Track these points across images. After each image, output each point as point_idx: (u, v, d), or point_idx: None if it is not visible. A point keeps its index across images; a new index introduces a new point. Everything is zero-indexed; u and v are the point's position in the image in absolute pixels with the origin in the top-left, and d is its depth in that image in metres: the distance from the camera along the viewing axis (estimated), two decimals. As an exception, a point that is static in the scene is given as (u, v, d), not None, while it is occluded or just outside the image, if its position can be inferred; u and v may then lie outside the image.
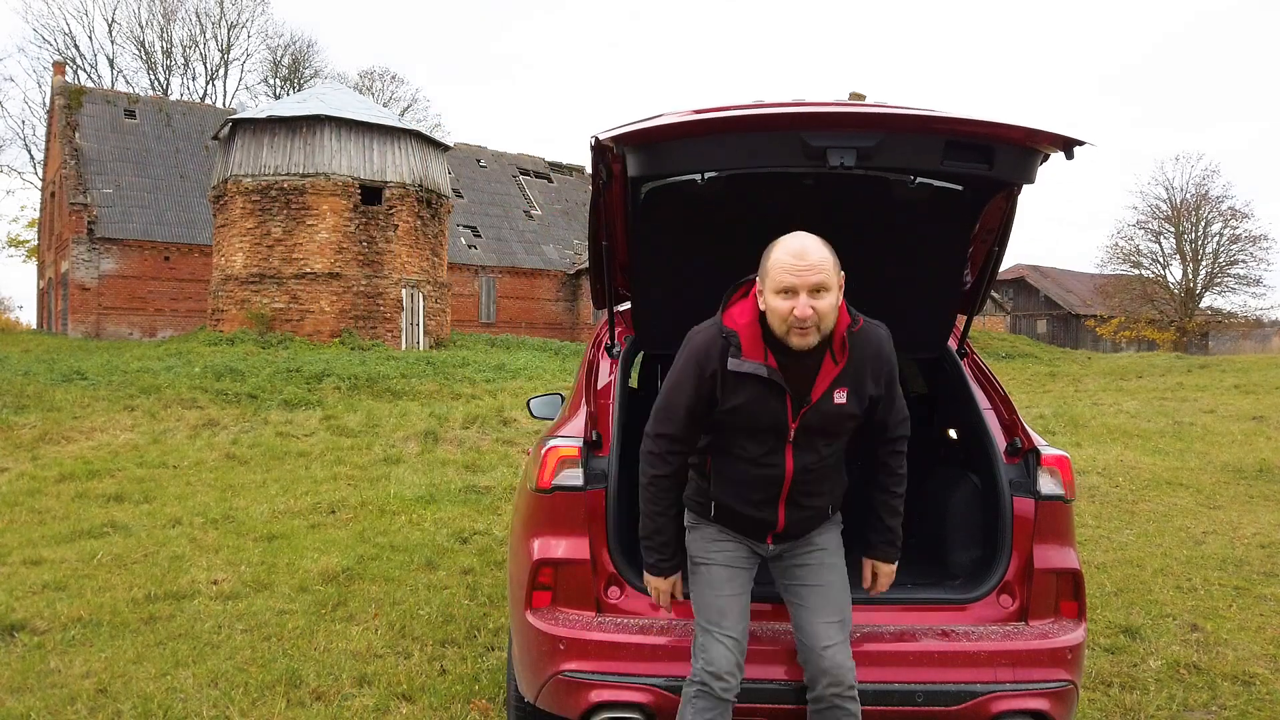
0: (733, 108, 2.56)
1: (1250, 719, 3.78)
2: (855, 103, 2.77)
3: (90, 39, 60.56)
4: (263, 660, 4.17)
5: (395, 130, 23.96)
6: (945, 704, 2.65)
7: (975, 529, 3.12)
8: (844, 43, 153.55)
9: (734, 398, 2.52)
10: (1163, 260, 44.07)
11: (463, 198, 35.70)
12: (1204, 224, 42.93)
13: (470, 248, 35.06)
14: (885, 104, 2.75)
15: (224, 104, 43.52)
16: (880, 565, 2.77)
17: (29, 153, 43.91)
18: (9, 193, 73.83)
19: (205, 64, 46.66)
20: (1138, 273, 44.09)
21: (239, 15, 52.77)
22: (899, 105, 2.67)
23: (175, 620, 4.73)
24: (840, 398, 2.53)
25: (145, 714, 3.62)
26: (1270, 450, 10.55)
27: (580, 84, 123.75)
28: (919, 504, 3.20)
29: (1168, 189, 44.79)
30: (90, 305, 28.21)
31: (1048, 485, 2.94)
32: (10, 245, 44.36)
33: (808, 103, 2.55)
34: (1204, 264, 43.25)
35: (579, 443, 2.89)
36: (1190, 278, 43.30)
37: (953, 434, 3.45)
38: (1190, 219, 42.96)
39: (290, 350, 20.36)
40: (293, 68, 48.24)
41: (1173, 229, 43.37)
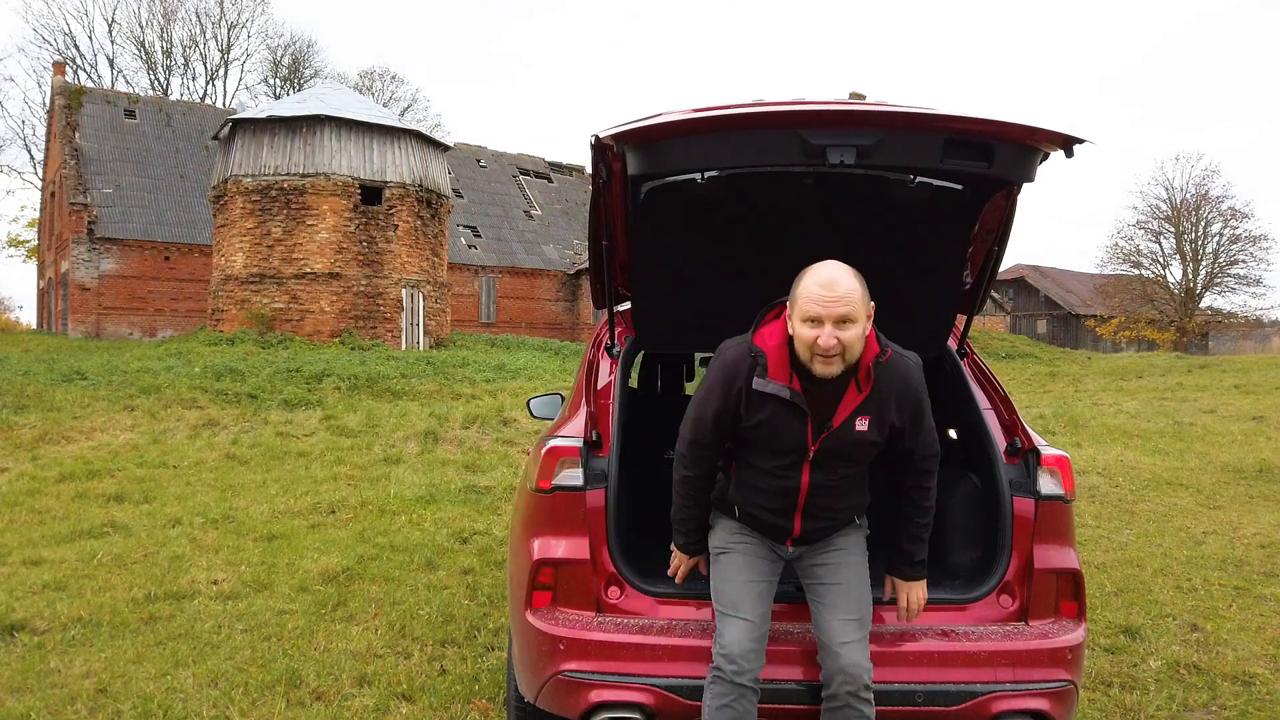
0: (732, 106, 2.57)
1: (1250, 719, 3.78)
2: (855, 101, 2.76)
3: (90, 39, 60.61)
4: (263, 660, 4.17)
5: (395, 130, 23.97)
6: (945, 704, 2.65)
7: (975, 529, 3.12)
8: (844, 43, 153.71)
9: (757, 415, 2.58)
10: (1163, 260, 44.15)
11: (463, 198, 35.70)
12: (1204, 224, 42.96)
13: (470, 248, 35.07)
14: (885, 103, 2.75)
15: (224, 104, 43.53)
16: (900, 583, 2.79)
17: (29, 153, 44.01)
18: (9, 193, 74.05)
19: (205, 64, 46.74)
20: (1138, 273, 44.10)
21: (239, 15, 52.75)
22: (899, 104, 2.67)
23: (175, 620, 4.73)
24: (862, 425, 2.57)
25: (145, 714, 3.62)
26: (1270, 450, 10.55)
27: (580, 84, 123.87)
28: None
29: (1168, 189, 44.86)
30: (90, 305, 28.22)
31: (1048, 485, 2.94)
32: (10, 245, 44.45)
33: (807, 101, 2.56)
34: (1204, 264, 43.28)
35: (579, 443, 2.89)
36: (1190, 278, 43.32)
37: (953, 434, 3.45)
38: (1190, 219, 42.98)
39: (290, 350, 20.36)
40: (293, 68, 48.28)
41: (1173, 229, 43.38)
